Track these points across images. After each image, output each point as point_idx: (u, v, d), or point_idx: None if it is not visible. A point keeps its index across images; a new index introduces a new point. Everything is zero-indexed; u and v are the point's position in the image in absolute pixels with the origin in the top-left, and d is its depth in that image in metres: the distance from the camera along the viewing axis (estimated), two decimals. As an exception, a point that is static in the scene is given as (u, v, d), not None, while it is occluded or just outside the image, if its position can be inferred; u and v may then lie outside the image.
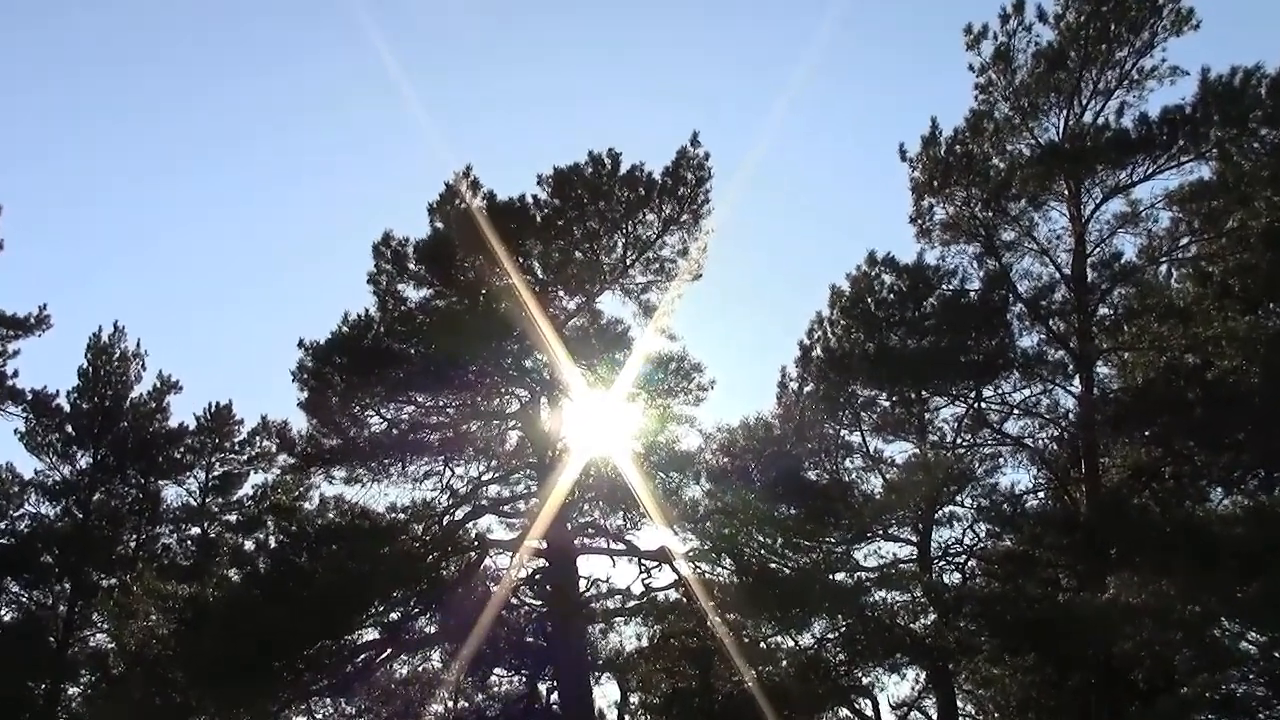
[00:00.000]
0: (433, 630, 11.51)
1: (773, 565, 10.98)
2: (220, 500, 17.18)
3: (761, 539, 11.25)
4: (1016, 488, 11.68)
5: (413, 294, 11.17)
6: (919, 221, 11.54)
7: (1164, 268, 11.01)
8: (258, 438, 16.84)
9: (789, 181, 30.75)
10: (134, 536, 16.42)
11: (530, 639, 11.92)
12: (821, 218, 32.14)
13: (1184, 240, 10.55)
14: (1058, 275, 10.82)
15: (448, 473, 11.50)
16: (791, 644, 10.98)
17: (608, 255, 11.28)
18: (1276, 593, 7.57)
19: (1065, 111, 10.55)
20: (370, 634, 10.71)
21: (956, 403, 11.91)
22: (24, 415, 15.87)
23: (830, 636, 10.72)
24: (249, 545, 12.47)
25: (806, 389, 12.69)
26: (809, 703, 10.10)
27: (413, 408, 11.22)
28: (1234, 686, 8.86)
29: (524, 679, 12.24)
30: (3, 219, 16.33)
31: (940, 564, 11.91)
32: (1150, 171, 10.28)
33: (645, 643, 11.77)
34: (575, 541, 11.42)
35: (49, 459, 16.02)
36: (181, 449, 16.82)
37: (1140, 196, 10.56)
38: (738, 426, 12.11)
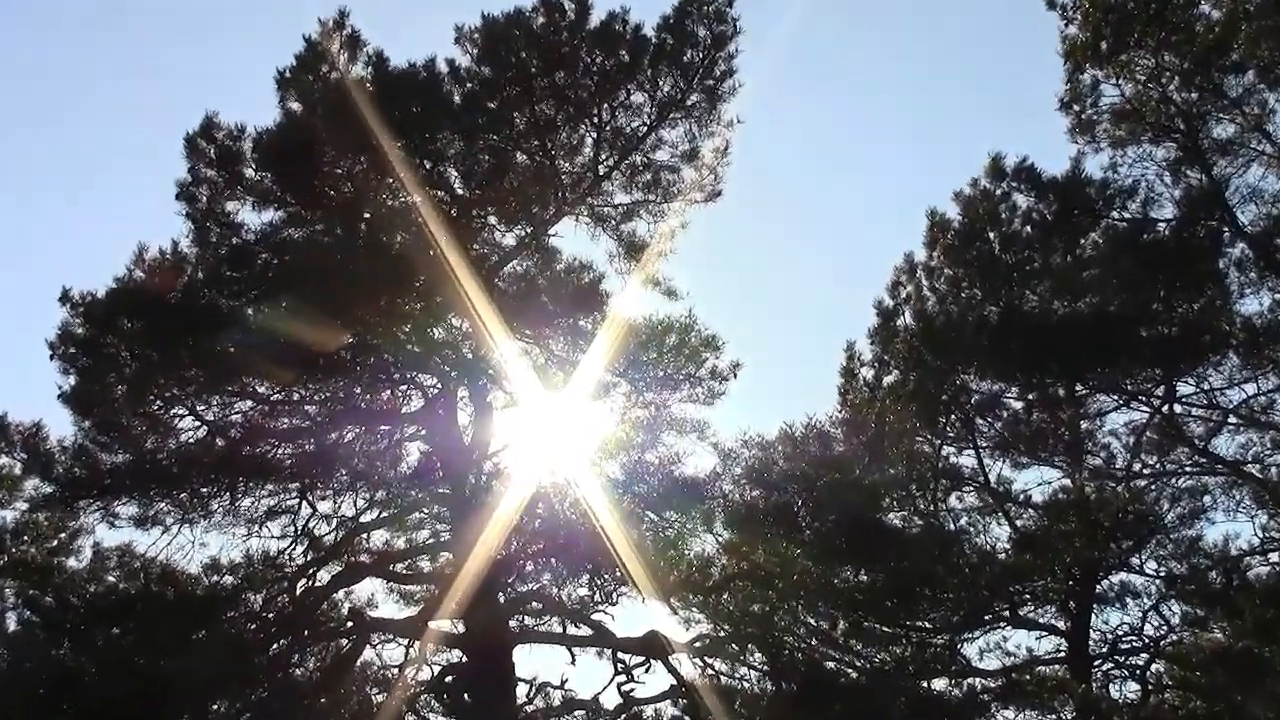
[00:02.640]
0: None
1: (830, 665, 11.34)
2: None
3: (813, 622, 11.65)
4: (1233, 544, 11.81)
5: (251, 218, 11.35)
6: (1076, 108, 11.61)
7: None
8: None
9: (860, 51, 29.68)
10: None
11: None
12: (912, 110, 30.56)
13: None
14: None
15: (305, 510, 11.83)
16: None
17: (569, 159, 11.56)
18: None
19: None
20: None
21: (1133, 405, 12.19)
22: None
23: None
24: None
25: (887, 379, 13.30)
26: None
27: (250, 404, 11.39)
28: None
29: None
30: None
31: (1106, 667, 12.18)
32: None
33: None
34: (511, 623, 11.73)
35: None
36: None
37: None
38: (776, 440, 12.21)
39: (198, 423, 11.17)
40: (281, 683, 10.94)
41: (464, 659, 11.57)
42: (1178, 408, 11.96)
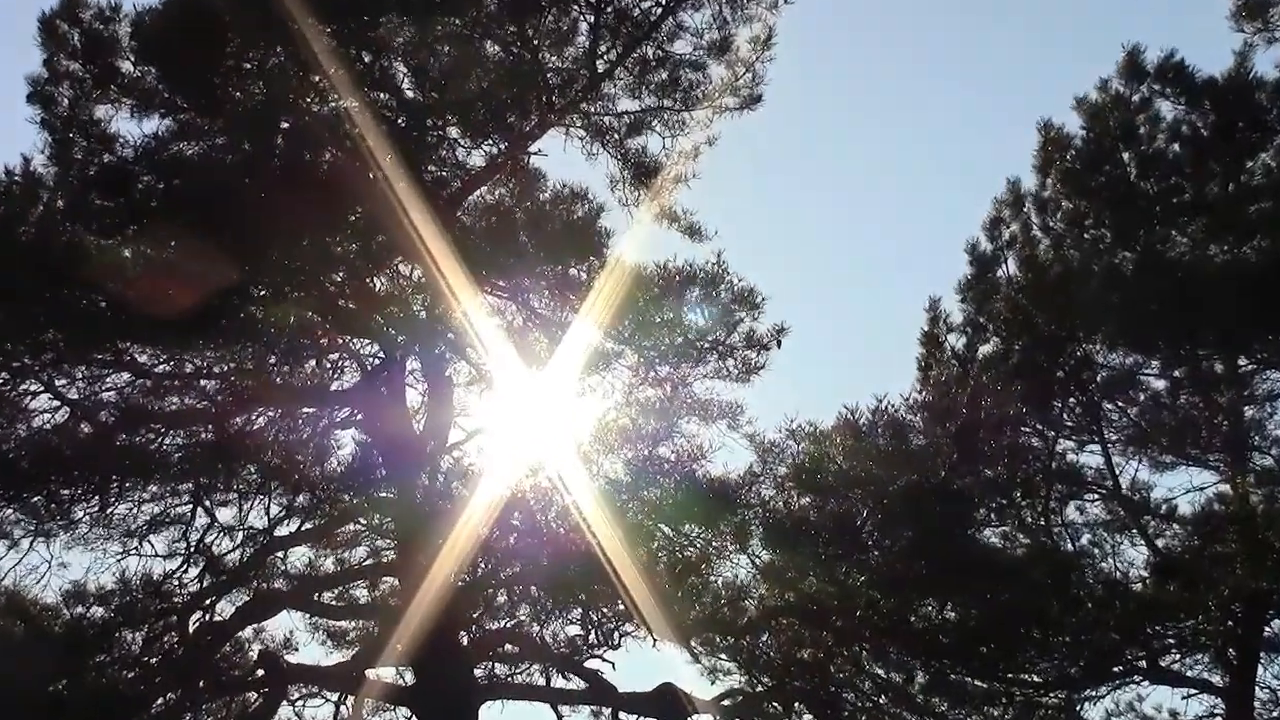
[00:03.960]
0: None
1: (907, 729, 11.07)
2: None
3: (881, 673, 11.68)
4: None
5: (129, 129, 11.21)
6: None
7: None
8: None
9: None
10: None
11: None
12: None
13: None
14: None
15: (201, 520, 11.93)
16: None
17: (556, 52, 11.57)
18: None
19: None
20: None
21: (1319, 384, 11.94)
22: None
23: None
24: None
25: (983, 349, 13.18)
26: None
27: (127, 378, 11.40)
28: None
29: None
30: None
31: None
32: None
33: None
34: (478, 672, 11.83)
35: None
36: None
37: None
38: (833, 430, 11.88)
39: (57, 402, 11.18)
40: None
41: (412, 720, 11.48)
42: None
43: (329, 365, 12.22)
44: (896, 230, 29.83)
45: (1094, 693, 12.33)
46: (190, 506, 11.88)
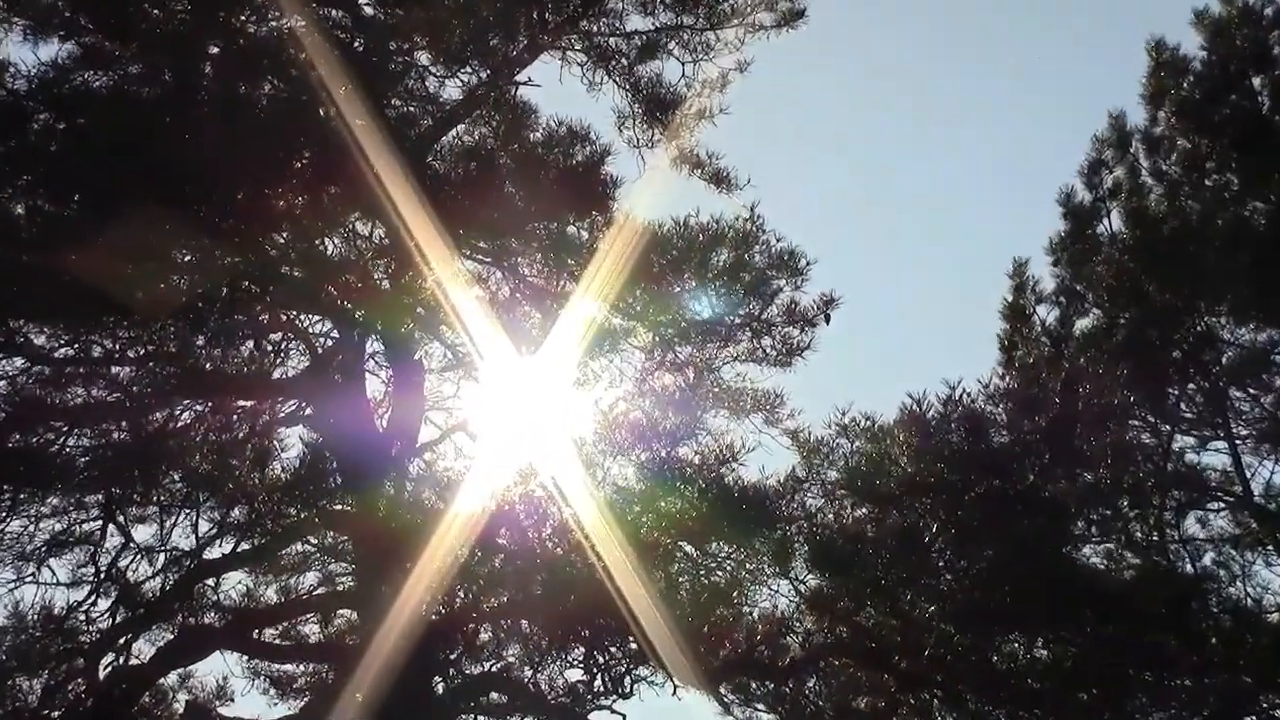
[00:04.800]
0: None
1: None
2: None
3: None
4: None
5: (23, 56, 10.96)
6: None
7: None
8: None
9: None
10: None
11: None
12: None
13: None
14: None
15: (113, 539, 11.89)
16: None
17: None
18: None
19: None
20: None
21: None
22: None
23: None
24: None
25: (1081, 324, 13.29)
26: None
27: (21, 364, 11.24)
28: None
29: None
30: None
31: None
32: None
33: None
34: None
35: None
36: None
37: None
38: (895, 425, 11.69)
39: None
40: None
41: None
42: None
43: (270, 348, 12.19)
44: (971, 178, 29.86)
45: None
46: (100, 523, 11.82)
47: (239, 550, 12.04)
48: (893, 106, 27.79)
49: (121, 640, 11.67)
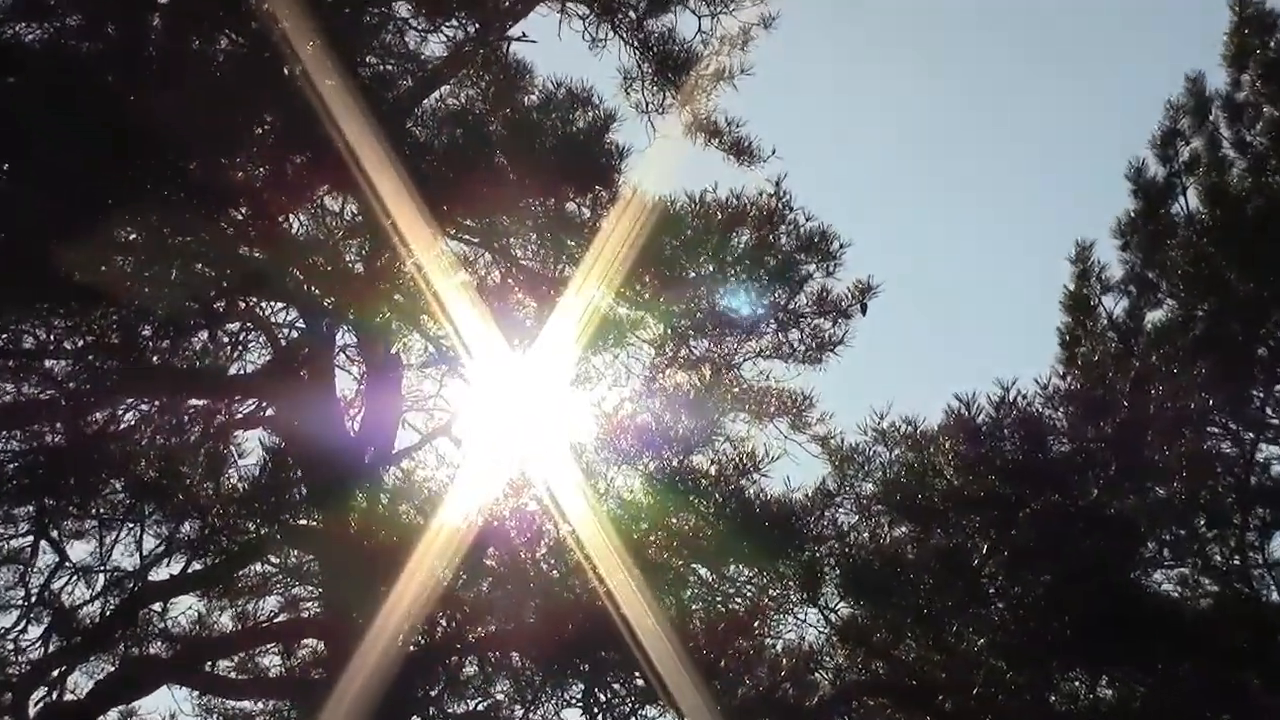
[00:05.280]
0: None
1: None
2: None
3: None
4: None
5: None
6: None
7: None
8: None
9: None
10: None
11: None
12: None
13: None
14: None
15: (46, 557, 11.98)
16: None
17: None
18: None
19: None
20: None
21: None
22: None
23: None
24: None
25: (1153, 316, 13.25)
26: None
27: None
28: None
29: None
30: None
31: None
32: None
33: None
34: None
35: None
36: None
37: None
38: (940, 431, 11.46)
39: None
40: None
41: None
42: None
43: (227, 339, 12.18)
44: (1028, 150, 29.47)
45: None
46: (31, 539, 11.87)
47: (190, 571, 11.97)
48: (938, 70, 27.65)
49: (55, 672, 11.65)
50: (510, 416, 11.57)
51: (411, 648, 10.67)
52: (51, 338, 11.39)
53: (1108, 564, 11.19)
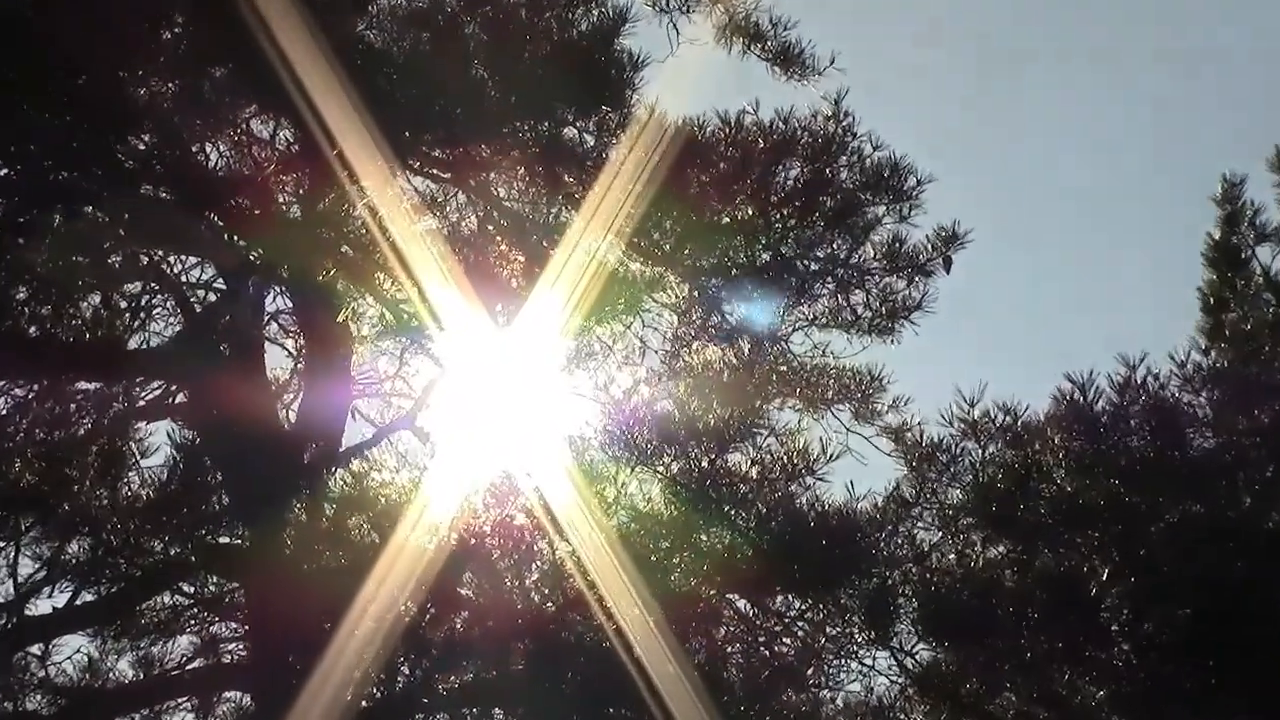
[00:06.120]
0: None
1: None
2: None
3: None
4: None
5: None
6: None
7: None
8: None
9: None
10: None
11: None
12: None
13: None
14: None
15: None
16: None
17: None
18: None
19: None
20: None
21: None
22: None
23: None
24: None
25: None
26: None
27: None
28: None
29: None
30: None
31: None
32: None
33: None
34: None
35: None
36: None
37: None
38: (1047, 422, 11.17)
39: None
40: None
41: None
42: None
43: (125, 303, 12.00)
44: (1157, 64, 29.20)
45: None
46: None
47: (79, 603, 11.83)
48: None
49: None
50: (492, 404, 11.31)
51: (364, 703, 10.47)
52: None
53: (1265, 593, 10.70)
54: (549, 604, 10.82)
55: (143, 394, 12.10)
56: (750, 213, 11.31)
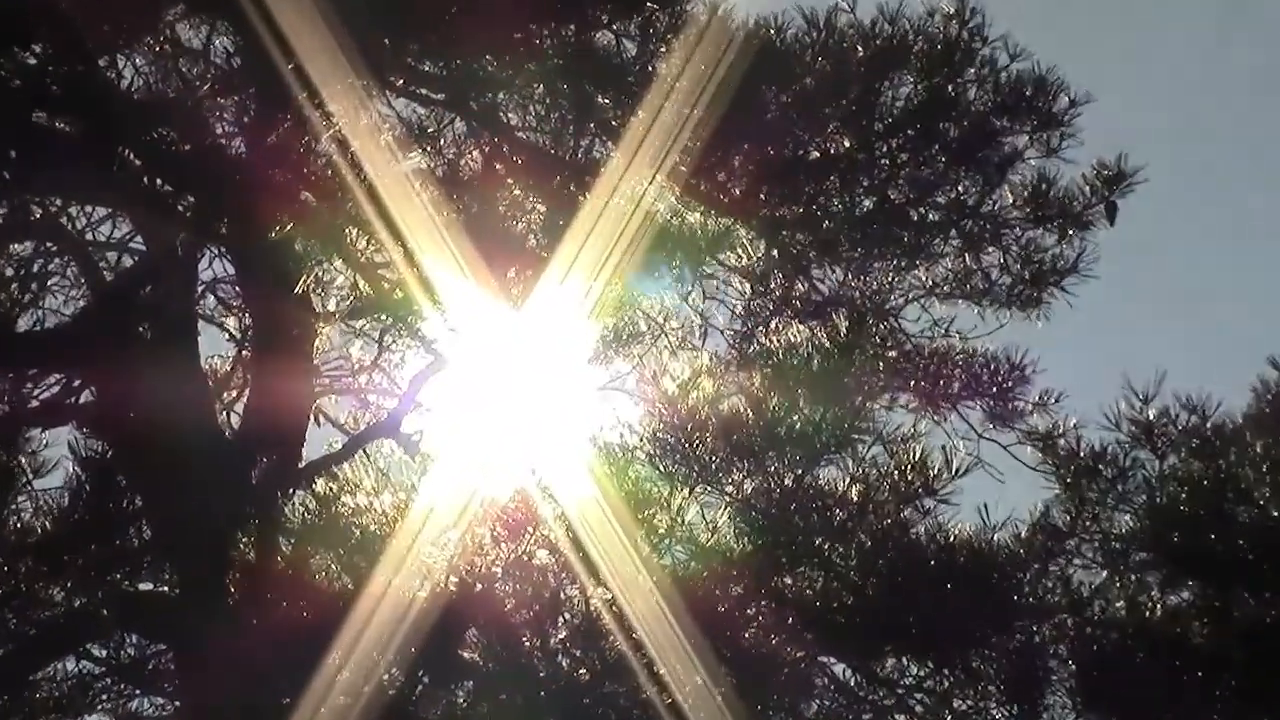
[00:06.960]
0: None
1: None
2: None
3: None
4: None
5: None
6: None
7: None
8: None
9: None
10: None
11: None
12: None
13: None
14: None
15: None
16: None
17: None
18: None
19: None
20: None
21: None
22: None
23: None
24: None
25: None
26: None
27: None
28: None
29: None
30: None
31: None
32: None
33: None
34: None
35: None
36: None
37: None
38: (1247, 422, 10.88)
39: None
40: None
41: None
42: None
43: (14, 271, 11.55)
44: None
45: None
46: None
47: None
48: None
49: None
50: (502, 404, 10.78)
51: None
52: None
53: None
54: (581, 671, 10.17)
55: (36, 391, 11.42)
56: (847, 145, 10.72)
